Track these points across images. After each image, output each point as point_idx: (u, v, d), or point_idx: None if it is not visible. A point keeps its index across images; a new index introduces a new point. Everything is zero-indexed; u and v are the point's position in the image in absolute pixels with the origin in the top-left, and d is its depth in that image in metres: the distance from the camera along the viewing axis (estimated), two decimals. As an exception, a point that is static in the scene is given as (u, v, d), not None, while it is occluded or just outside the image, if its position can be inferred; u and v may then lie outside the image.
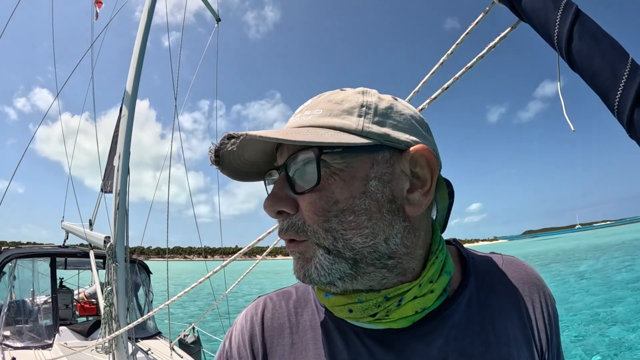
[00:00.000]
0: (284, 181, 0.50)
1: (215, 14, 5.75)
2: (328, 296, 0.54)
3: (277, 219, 0.52)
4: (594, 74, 0.54)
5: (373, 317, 0.51)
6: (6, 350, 3.53)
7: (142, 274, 5.47)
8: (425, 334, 0.52)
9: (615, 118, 0.56)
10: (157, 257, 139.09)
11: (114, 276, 3.38)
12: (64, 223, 5.75)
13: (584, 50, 0.54)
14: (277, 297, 0.64)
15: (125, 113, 3.49)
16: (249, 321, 0.61)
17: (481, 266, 0.60)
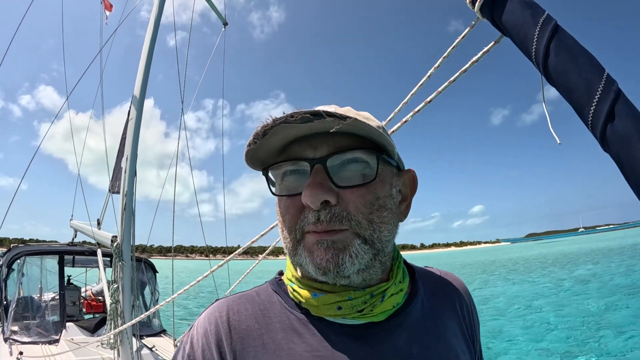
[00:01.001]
0: (325, 173, 0.54)
1: (223, 18, 5.80)
2: (317, 296, 0.57)
3: (312, 209, 0.53)
4: (570, 89, 0.56)
5: (360, 312, 0.57)
6: (14, 345, 3.59)
7: (149, 273, 5.53)
8: (392, 328, 0.59)
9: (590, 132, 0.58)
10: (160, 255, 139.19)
11: (120, 274, 3.44)
12: (73, 222, 5.83)
13: (560, 67, 0.56)
14: (240, 299, 0.63)
15: (133, 116, 3.54)
16: (213, 324, 0.60)
17: (424, 275, 0.71)
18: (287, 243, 0.58)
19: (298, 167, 0.56)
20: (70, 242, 5.82)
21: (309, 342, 0.57)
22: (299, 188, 0.55)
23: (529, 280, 22.12)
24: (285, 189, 0.58)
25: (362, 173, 0.55)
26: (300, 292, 0.59)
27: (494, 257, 64.57)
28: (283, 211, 0.58)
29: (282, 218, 0.58)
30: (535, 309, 12.92)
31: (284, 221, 0.58)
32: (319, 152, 0.55)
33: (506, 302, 14.94)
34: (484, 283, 23.27)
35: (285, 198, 0.57)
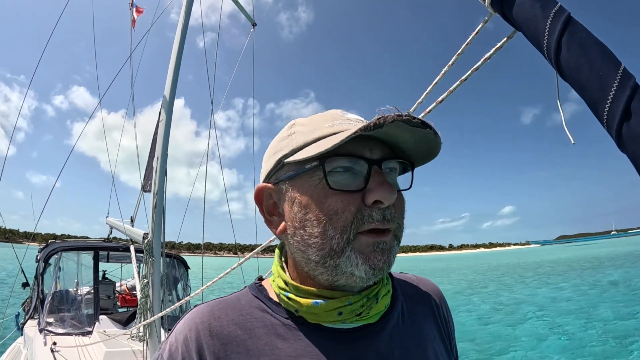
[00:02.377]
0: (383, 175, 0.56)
1: (251, 19, 5.87)
2: (319, 303, 0.57)
3: (379, 208, 0.54)
4: (583, 86, 0.53)
5: (359, 315, 0.58)
6: (48, 336, 3.76)
7: (181, 269, 5.65)
8: (376, 332, 0.60)
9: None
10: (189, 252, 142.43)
11: (150, 270, 3.54)
12: (109, 219, 6.06)
13: (572, 62, 0.53)
14: (220, 305, 0.62)
15: (163, 117, 3.64)
16: (193, 330, 0.58)
17: (400, 280, 0.74)
18: (329, 244, 0.54)
19: (354, 164, 0.55)
20: (106, 238, 6.06)
21: (294, 347, 0.56)
22: (354, 185, 0.54)
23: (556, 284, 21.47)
24: (338, 184, 0.54)
25: (397, 181, 0.60)
26: (299, 301, 0.58)
27: (523, 260, 62.99)
28: (336, 208, 0.53)
29: (329, 217, 0.53)
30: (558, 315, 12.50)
31: (334, 220, 0.53)
32: (375, 154, 0.56)
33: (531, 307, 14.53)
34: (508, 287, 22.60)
35: (341, 194, 0.54)
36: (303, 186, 0.56)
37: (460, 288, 24.10)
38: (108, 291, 5.54)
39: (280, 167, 0.60)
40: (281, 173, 0.60)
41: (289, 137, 0.60)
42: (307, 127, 0.59)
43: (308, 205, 0.55)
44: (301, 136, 0.58)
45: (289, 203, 0.58)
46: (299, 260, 0.60)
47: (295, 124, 0.61)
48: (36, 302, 4.63)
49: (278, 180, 0.60)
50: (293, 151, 0.57)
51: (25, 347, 4.24)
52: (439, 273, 43.66)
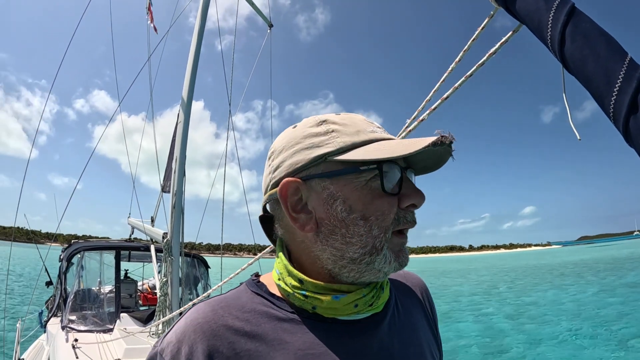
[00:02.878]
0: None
1: (268, 20, 5.91)
2: (339, 298, 0.58)
3: (413, 210, 0.60)
4: (588, 78, 0.51)
5: (370, 306, 0.60)
6: (70, 333, 3.86)
7: (201, 268, 5.71)
8: (378, 322, 0.62)
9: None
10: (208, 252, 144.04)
11: (169, 269, 3.61)
12: (130, 219, 6.19)
13: (576, 53, 0.51)
14: (222, 302, 0.61)
15: (181, 119, 3.71)
16: (198, 331, 0.56)
17: None
18: (372, 243, 0.56)
19: (391, 170, 0.57)
20: (128, 238, 6.19)
21: (302, 340, 0.56)
22: (394, 189, 0.58)
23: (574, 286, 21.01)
24: (387, 188, 0.57)
25: None
26: (320, 298, 0.58)
27: (544, 261, 62.04)
28: (383, 209, 0.56)
29: (377, 216, 0.56)
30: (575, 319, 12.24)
31: (380, 220, 0.56)
32: (401, 162, 0.60)
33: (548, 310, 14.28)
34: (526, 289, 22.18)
35: (387, 196, 0.57)
36: (348, 185, 0.57)
37: (477, 290, 23.95)
38: (130, 290, 5.65)
39: (318, 164, 0.58)
40: (317, 169, 0.58)
41: (327, 134, 0.59)
42: (347, 127, 0.59)
43: (355, 204, 0.56)
44: (346, 136, 0.58)
45: (326, 200, 0.58)
46: (324, 258, 0.59)
47: (328, 122, 0.61)
48: (59, 301, 4.76)
49: (310, 175, 0.58)
50: (341, 150, 0.57)
51: (48, 344, 4.35)
52: (456, 274, 43.19)
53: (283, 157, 0.61)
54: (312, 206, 0.59)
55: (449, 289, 25.36)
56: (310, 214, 0.59)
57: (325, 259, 0.59)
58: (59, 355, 3.48)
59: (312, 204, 0.59)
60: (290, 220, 0.60)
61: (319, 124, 0.61)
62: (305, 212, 0.59)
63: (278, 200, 0.61)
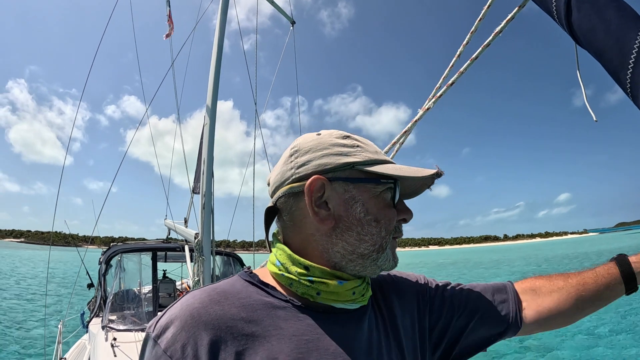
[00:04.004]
0: None
1: (290, 18, 5.91)
2: (343, 283, 0.65)
3: (406, 222, 0.72)
4: (600, 50, 0.46)
5: (362, 296, 0.68)
6: (109, 332, 4.00)
7: (237, 266, 5.80)
8: (363, 314, 0.69)
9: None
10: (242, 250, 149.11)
11: (201, 268, 3.69)
12: (167, 221, 6.38)
13: (584, 24, 0.46)
14: (215, 290, 0.62)
15: (207, 122, 3.76)
16: (195, 316, 0.56)
17: None
18: (380, 242, 0.66)
19: (394, 187, 0.67)
20: (164, 239, 6.38)
21: (296, 327, 0.61)
22: (395, 203, 0.69)
23: None
24: (392, 201, 0.68)
25: None
26: (326, 282, 0.64)
27: (580, 250, 60.17)
28: (390, 217, 0.67)
29: (386, 221, 0.67)
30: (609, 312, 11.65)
31: (387, 225, 0.67)
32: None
33: None
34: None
35: (392, 207, 0.68)
36: (367, 192, 0.66)
37: None
38: (168, 289, 5.83)
39: (345, 169, 0.66)
40: (343, 174, 0.66)
41: (353, 147, 0.68)
42: (368, 147, 0.70)
43: (371, 208, 0.66)
44: (369, 153, 0.68)
45: (347, 201, 0.66)
46: (334, 251, 0.66)
47: (352, 138, 0.70)
48: (100, 302, 4.95)
49: (336, 178, 0.66)
50: (366, 163, 0.66)
51: (90, 344, 4.54)
52: (490, 265, 42.43)
53: (309, 157, 0.67)
54: (332, 204, 0.65)
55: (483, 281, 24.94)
56: (329, 211, 0.65)
57: (334, 252, 0.66)
58: (98, 354, 3.60)
59: (332, 202, 0.65)
60: (312, 213, 0.65)
61: (345, 137, 0.70)
62: (324, 208, 0.65)
63: (295, 194, 0.67)
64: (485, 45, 0.65)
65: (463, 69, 0.71)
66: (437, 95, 0.80)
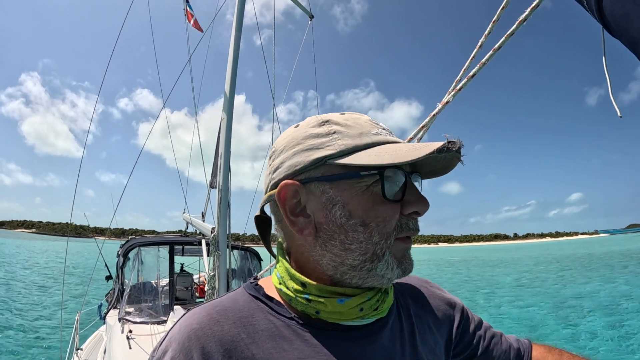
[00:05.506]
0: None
1: (308, 12, 5.89)
2: (344, 301, 0.57)
3: (416, 218, 0.59)
4: (634, 39, 0.43)
5: (376, 310, 0.59)
6: (126, 324, 4.08)
7: (254, 261, 5.81)
8: (379, 328, 0.61)
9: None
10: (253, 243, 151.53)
11: (217, 262, 3.72)
12: (185, 215, 6.46)
13: (617, 10, 0.43)
14: (217, 308, 0.58)
15: (224, 117, 3.78)
16: (193, 338, 0.53)
17: None
18: (373, 249, 0.55)
19: (395, 175, 0.55)
20: (182, 233, 6.47)
21: (300, 349, 0.55)
22: (396, 195, 0.56)
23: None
24: (389, 194, 0.55)
25: None
26: (323, 301, 0.56)
27: (589, 251, 59.77)
28: (385, 216, 0.55)
29: (377, 223, 0.55)
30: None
31: (381, 226, 0.55)
32: (406, 167, 0.58)
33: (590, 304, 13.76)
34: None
35: (389, 203, 0.55)
36: (348, 190, 0.55)
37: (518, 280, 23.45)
38: (186, 283, 5.90)
39: (318, 166, 0.57)
40: (317, 172, 0.57)
41: (328, 135, 0.57)
42: (350, 129, 0.57)
43: (354, 210, 0.55)
44: (348, 139, 0.56)
45: (325, 205, 0.56)
46: (324, 264, 0.57)
47: (330, 122, 0.59)
48: (117, 294, 5.03)
49: (310, 178, 0.57)
50: (342, 153, 0.55)
51: (106, 335, 4.62)
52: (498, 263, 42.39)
53: (283, 158, 0.60)
54: (310, 210, 0.57)
55: (491, 279, 24.84)
56: (309, 218, 0.57)
57: (325, 265, 0.57)
58: (113, 345, 3.66)
59: (310, 208, 0.57)
60: (289, 223, 0.58)
61: (321, 124, 0.59)
62: (303, 216, 0.58)
63: (275, 202, 0.60)
64: (509, 35, 0.62)
65: (485, 59, 0.68)
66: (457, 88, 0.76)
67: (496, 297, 16.51)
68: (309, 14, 5.98)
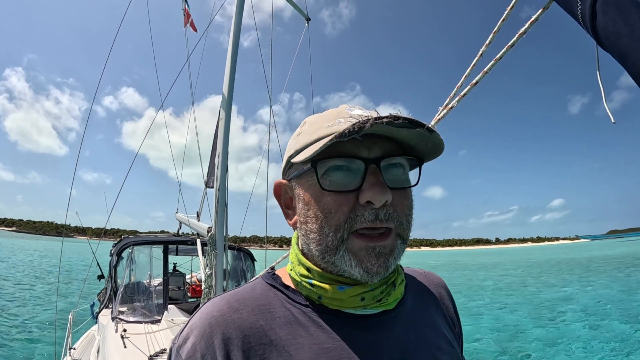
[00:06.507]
0: (380, 174, 0.56)
1: (304, 14, 5.92)
2: (344, 289, 0.59)
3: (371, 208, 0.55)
4: (624, 53, 0.48)
5: (379, 301, 0.61)
6: (119, 323, 4.04)
7: (247, 261, 5.79)
8: (393, 318, 0.62)
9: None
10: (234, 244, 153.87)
11: (213, 262, 3.73)
12: (178, 215, 6.44)
13: (609, 27, 0.49)
14: (236, 296, 0.61)
15: (222, 116, 3.81)
16: (214, 324, 0.57)
17: (407, 271, 0.77)
18: (325, 241, 0.56)
19: (350, 164, 0.56)
20: (175, 233, 6.45)
21: (316, 335, 0.57)
22: (349, 185, 0.56)
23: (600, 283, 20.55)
24: (332, 184, 0.56)
25: (403, 178, 0.59)
26: (324, 287, 0.59)
27: (570, 256, 61.28)
28: (330, 207, 0.56)
29: (324, 215, 0.56)
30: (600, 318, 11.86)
31: (328, 218, 0.56)
32: (373, 153, 0.56)
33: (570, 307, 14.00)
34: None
35: (334, 194, 0.56)
36: (305, 185, 0.60)
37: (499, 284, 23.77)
38: (178, 282, 5.88)
39: (290, 166, 0.64)
40: (291, 171, 0.64)
41: (297, 136, 0.63)
42: (311, 126, 0.61)
43: (309, 203, 0.59)
44: (305, 136, 0.60)
45: (297, 199, 0.62)
46: (306, 252, 0.63)
47: (305, 123, 0.64)
48: (110, 293, 4.98)
49: (290, 177, 0.64)
50: (297, 152, 0.60)
51: (99, 334, 4.56)
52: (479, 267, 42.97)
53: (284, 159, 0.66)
54: (295, 203, 0.64)
55: (471, 283, 25.17)
56: (294, 211, 0.64)
57: (306, 253, 0.63)
58: (108, 345, 3.64)
59: (293, 202, 0.64)
60: (283, 214, 0.67)
61: (300, 126, 0.65)
62: (292, 209, 0.65)
63: None
64: (509, 46, 0.68)
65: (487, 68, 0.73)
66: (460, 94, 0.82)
67: (477, 300, 16.74)
68: (305, 17, 6.01)
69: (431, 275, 0.81)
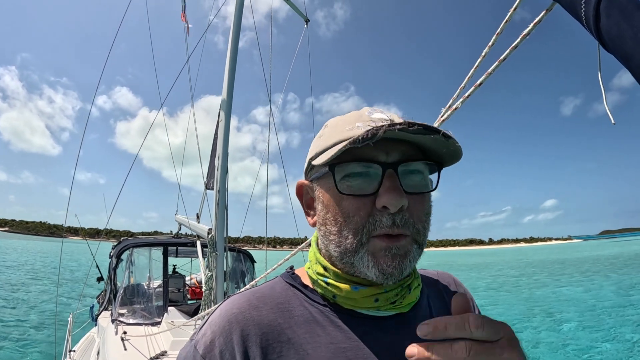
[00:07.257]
0: (397, 179, 0.55)
1: (304, 16, 5.95)
2: (358, 289, 0.59)
3: (388, 213, 0.54)
4: (627, 55, 0.49)
5: (392, 303, 0.60)
6: (119, 326, 4.02)
7: (247, 263, 5.79)
8: (408, 321, 0.62)
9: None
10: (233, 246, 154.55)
11: (214, 263, 3.73)
12: (177, 216, 6.43)
13: (613, 30, 0.49)
14: (256, 294, 0.62)
15: (222, 118, 3.82)
16: (233, 321, 0.58)
17: (423, 273, 0.77)
18: (344, 244, 0.57)
19: (367, 168, 0.56)
20: (175, 235, 6.44)
21: (333, 335, 0.58)
22: (367, 190, 0.56)
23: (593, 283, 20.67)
24: (350, 189, 0.56)
25: (421, 183, 0.58)
26: (339, 286, 0.60)
27: (563, 256, 61.42)
28: (348, 211, 0.56)
29: (343, 218, 0.57)
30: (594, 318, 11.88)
31: (347, 222, 0.56)
32: (391, 157, 0.56)
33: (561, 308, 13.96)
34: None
35: (352, 198, 0.56)
36: (324, 187, 0.61)
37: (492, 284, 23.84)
38: (178, 284, 5.85)
39: (311, 168, 0.65)
40: (312, 173, 0.64)
41: (319, 138, 0.63)
42: (332, 129, 0.62)
43: (327, 206, 0.59)
44: (325, 139, 0.61)
45: (317, 200, 0.63)
46: (324, 252, 0.64)
47: (327, 126, 0.64)
48: (109, 295, 4.96)
49: (311, 178, 0.65)
50: (317, 154, 0.61)
51: (99, 337, 4.54)
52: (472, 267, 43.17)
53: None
54: (316, 204, 0.64)
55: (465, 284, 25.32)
56: (315, 211, 0.64)
57: (328, 253, 0.63)
58: (108, 347, 3.63)
59: (314, 203, 0.65)
60: (305, 214, 0.67)
61: (322, 128, 0.65)
62: (313, 209, 0.65)
63: None
64: (512, 48, 0.68)
65: (491, 70, 0.74)
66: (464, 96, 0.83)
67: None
68: (304, 18, 6.04)
69: (444, 276, 0.80)
